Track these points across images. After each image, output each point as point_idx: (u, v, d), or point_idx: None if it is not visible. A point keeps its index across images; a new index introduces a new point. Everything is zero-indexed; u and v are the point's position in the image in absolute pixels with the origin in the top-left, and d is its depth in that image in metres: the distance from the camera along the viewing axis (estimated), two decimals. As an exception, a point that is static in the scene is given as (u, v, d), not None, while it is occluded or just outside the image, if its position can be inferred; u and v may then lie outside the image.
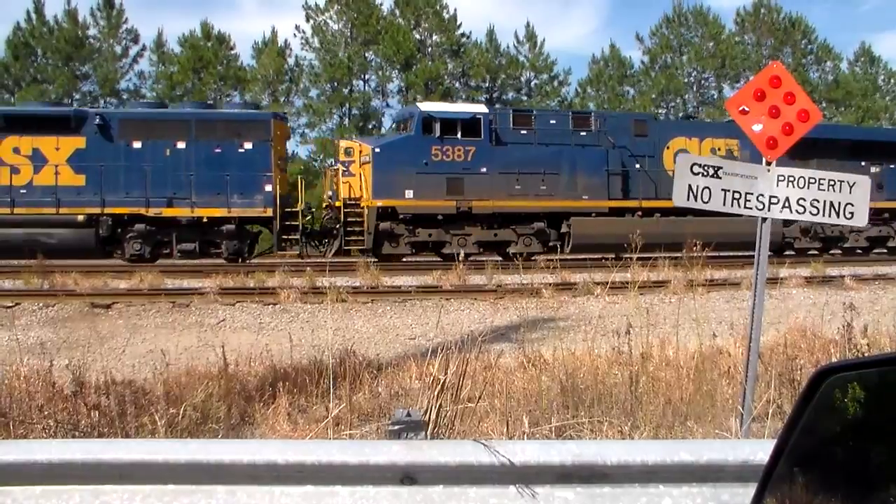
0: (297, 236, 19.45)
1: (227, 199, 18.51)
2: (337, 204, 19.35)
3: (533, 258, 17.50)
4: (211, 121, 19.31)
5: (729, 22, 45.84)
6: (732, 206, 4.10)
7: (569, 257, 19.49)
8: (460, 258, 16.43)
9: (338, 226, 19.16)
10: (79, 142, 18.43)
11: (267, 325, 10.96)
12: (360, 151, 19.45)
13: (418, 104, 22.14)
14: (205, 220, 18.60)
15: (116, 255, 18.93)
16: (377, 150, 19.14)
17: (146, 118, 19.28)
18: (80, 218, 18.04)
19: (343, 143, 20.87)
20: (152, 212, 18.43)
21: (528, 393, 5.30)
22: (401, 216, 19.10)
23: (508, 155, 19.31)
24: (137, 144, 18.63)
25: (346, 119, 39.82)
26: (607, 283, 13.19)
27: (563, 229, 19.78)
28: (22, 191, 18.04)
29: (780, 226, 18.85)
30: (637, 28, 68.73)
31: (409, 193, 18.87)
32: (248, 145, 18.81)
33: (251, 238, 19.83)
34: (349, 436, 4.25)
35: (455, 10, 41.09)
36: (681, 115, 36.33)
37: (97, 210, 18.21)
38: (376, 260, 18.39)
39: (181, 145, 18.58)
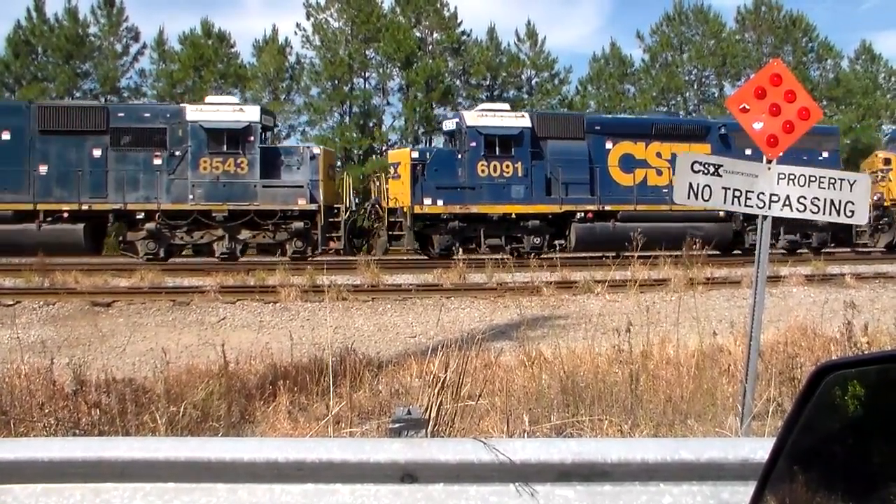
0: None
1: None
2: None
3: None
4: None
5: (729, 20, 45.78)
6: (733, 204, 4.09)
7: (569, 255, 19.65)
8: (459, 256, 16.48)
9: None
10: (705, 148, 21.38)
11: (267, 323, 10.96)
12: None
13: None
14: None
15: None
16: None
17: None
18: (721, 213, 20.70)
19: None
20: None
21: (529, 391, 5.30)
22: None
23: None
24: (748, 152, 21.47)
25: (347, 117, 39.80)
26: (607, 281, 13.23)
27: None
28: (664, 189, 20.92)
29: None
30: (638, 26, 68.62)
31: None
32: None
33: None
34: (350, 434, 4.25)
35: (455, 7, 41.05)
36: None
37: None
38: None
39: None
